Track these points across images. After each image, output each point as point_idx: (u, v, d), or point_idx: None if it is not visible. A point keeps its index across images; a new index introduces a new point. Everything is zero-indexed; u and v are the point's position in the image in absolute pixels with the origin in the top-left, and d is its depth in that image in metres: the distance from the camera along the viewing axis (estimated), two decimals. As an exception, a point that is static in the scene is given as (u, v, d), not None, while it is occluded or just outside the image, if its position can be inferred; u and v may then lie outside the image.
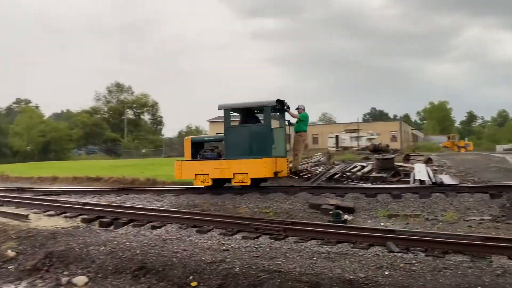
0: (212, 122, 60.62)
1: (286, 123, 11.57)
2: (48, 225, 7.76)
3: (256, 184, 10.90)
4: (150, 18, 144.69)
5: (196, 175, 10.96)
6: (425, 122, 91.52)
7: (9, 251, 6.54)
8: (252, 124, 10.95)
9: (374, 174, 12.10)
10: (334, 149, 34.65)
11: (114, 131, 68.07)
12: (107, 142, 64.93)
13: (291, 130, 12.26)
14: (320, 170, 13.52)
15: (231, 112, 10.93)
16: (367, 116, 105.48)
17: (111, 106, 74.33)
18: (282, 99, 11.15)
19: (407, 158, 16.43)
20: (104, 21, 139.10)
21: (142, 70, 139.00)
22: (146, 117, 79.75)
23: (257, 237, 6.43)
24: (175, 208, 8.91)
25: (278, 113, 11.51)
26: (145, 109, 77.47)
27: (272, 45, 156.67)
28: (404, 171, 12.54)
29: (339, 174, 12.45)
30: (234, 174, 10.50)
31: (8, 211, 9.03)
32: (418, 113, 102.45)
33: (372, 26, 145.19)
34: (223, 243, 6.20)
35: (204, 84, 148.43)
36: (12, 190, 13.93)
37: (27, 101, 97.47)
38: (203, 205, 9.25)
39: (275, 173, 10.34)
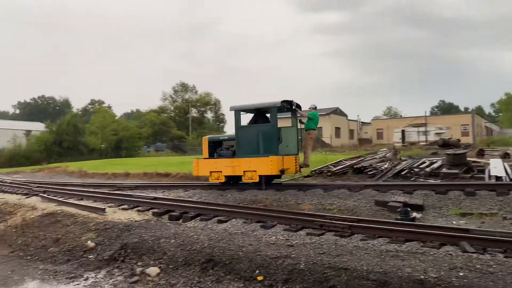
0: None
1: (299, 122, 12.19)
2: (123, 218, 8.26)
3: (269, 181, 11.49)
4: (211, 18, 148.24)
5: (211, 172, 11.86)
6: (500, 114, 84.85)
7: (89, 242, 7.05)
8: (260, 124, 11.66)
9: (444, 170, 11.45)
10: (400, 144, 33.26)
11: (180, 129, 70.85)
12: (173, 140, 67.74)
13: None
14: (385, 166, 13.06)
15: (241, 113, 11.74)
16: (435, 109, 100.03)
17: (176, 105, 77.36)
18: (290, 99, 11.82)
19: (481, 153, 15.37)
20: (170, 22, 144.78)
21: (205, 69, 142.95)
22: (209, 115, 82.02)
23: (322, 234, 6.37)
24: (239, 203, 9.08)
25: (291, 113, 12.28)
26: (208, 107, 79.67)
27: (332, 39, 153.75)
28: (478, 167, 11.74)
29: (406, 170, 11.95)
30: (244, 171, 11.23)
31: (87, 204, 9.75)
32: (492, 105, 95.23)
33: (436, 14, 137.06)
34: (288, 239, 6.22)
35: (265, 80, 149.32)
36: (90, 185, 15.01)
37: (101, 102, 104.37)
38: (265, 200, 9.35)
39: (281, 171, 10.97)
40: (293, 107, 11.99)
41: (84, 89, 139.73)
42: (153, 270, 5.73)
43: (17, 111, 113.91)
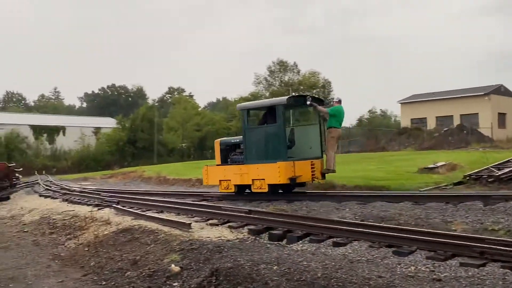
0: (404, 103, 58.95)
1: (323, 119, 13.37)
2: (212, 236, 8.66)
3: (288, 189, 13.10)
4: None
5: (220, 181, 13.47)
6: None
7: (172, 265, 7.51)
8: (267, 125, 12.87)
9: None
10: None
11: (278, 121, 71.96)
12: (270, 135, 69.08)
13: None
14: None
15: (250, 112, 13.31)
16: None
17: (273, 90, 78.71)
18: (305, 94, 13.17)
19: None
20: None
21: (310, 42, 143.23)
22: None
23: (483, 265, 6.01)
24: (362, 221, 8.96)
25: (313, 109, 13.55)
26: (315, 90, 79.70)
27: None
28: None
29: None
30: (252, 180, 12.66)
31: (169, 218, 10.41)
32: None
33: None
34: (433, 271, 5.99)
35: (390, 54, 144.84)
36: (171, 194, 16.01)
37: (181, 90, 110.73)
38: (399, 217, 9.12)
39: (291, 179, 12.07)
40: (308, 102, 13.02)
41: (160, 75, 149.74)
42: (251, 305, 5.90)
43: (84, 105, 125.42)
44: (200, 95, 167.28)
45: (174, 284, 7.07)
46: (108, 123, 69.74)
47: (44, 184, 27.64)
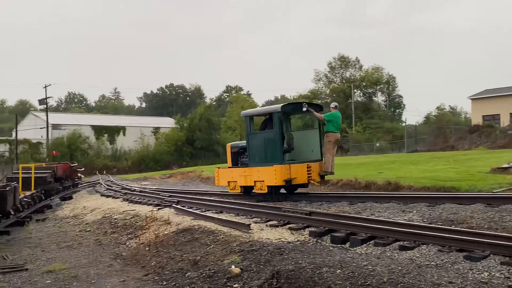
0: (475, 99, 56.99)
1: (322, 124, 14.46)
2: (272, 238, 8.70)
3: (292, 190, 14.69)
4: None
5: (228, 182, 15.16)
6: None
7: (233, 266, 7.60)
8: (265, 131, 14.37)
9: None
10: None
11: (339, 119, 71.17)
12: (330, 134, 68.40)
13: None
14: None
15: (252, 118, 14.85)
16: None
17: (333, 87, 78.09)
18: (301, 102, 14.76)
19: None
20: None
21: (374, 35, 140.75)
22: (380, 98, 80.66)
23: None
24: (431, 224, 8.75)
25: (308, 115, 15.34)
26: (378, 87, 78.39)
27: None
28: None
29: None
30: (254, 181, 14.14)
31: (228, 219, 10.55)
32: None
33: None
34: (508, 277, 5.76)
35: (460, 47, 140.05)
36: (229, 195, 16.20)
37: (238, 89, 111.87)
38: (470, 220, 8.86)
39: (287, 181, 13.25)
40: (304, 109, 14.33)
41: (218, 74, 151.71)
42: (314, 309, 5.88)
43: (143, 105, 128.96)
44: (257, 94, 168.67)
45: (235, 285, 7.15)
46: (167, 123, 71.43)
47: (105, 184, 28.64)
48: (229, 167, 15.54)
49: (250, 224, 9.74)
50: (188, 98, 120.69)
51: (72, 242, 12.18)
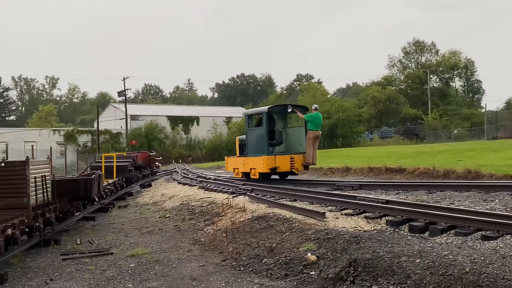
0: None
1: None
2: (348, 226, 8.65)
3: (283, 177, 17.87)
4: None
5: (233, 168, 18.65)
6: None
7: (309, 254, 7.64)
8: (257, 128, 17.49)
9: None
10: None
11: (414, 106, 69.31)
12: (405, 122, 66.73)
13: None
14: None
15: (251, 116, 18.53)
16: None
17: (408, 73, 76.00)
18: (286, 104, 18.60)
19: None
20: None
21: (451, 17, 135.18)
22: (457, 83, 77.62)
23: None
24: (515, 213, 8.39)
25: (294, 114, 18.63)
26: (456, 72, 75.44)
27: None
28: None
29: None
30: (250, 168, 17.25)
31: (303, 207, 10.59)
32: None
33: None
34: None
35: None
36: (302, 183, 16.23)
37: (309, 77, 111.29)
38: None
39: (272, 169, 16.34)
40: (289, 110, 17.75)
41: (288, 62, 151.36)
42: (393, 298, 5.82)
43: (216, 95, 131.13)
44: (328, 81, 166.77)
45: (311, 272, 7.19)
46: (238, 112, 72.14)
47: (181, 172, 29.44)
48: (236, 157, 18.94)
49: (325, 212, 9.73)
50: (259, 88, 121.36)
51: (153, 227, 12.66)
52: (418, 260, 6.29)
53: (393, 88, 74.32)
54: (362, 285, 6.39)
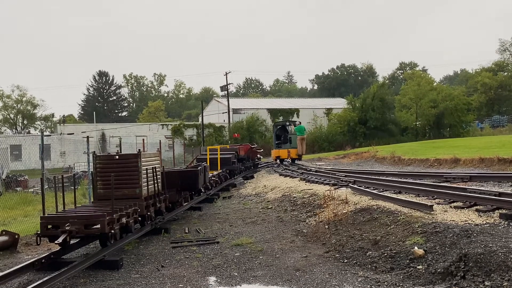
0: None
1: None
2: (457, 220, 8.27)
3: (292, 162, 30.15)
4: None
5: (273, 157, 32.57)
6: None
7: (415, 248, 7.41)
8: (274, 133, 34.24)
9: None
10: None
11: (529, 93, 64.55)
12: (519, 110, 62.46)
13: None
14: None
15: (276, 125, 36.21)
16: None
17: (522, 58, 70.92)
18: (287, 120, 41.65)
19: None
20: None
21: None
22: None
23: None
24: None
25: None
26: None
27: None
28: None
29: None
30: (275, 157, 31.64)
31: (408, 199, 10.27)
32: None
33: None
34: None
35: None
36: (407, 175, 15.75)
37: (413, 65, 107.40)
38: None
39: (277, 157, 31.19)
40: (286, 124, 33.67)
41: (390, 51, 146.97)
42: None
43: (315, 87, 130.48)
44: (435, 69, 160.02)
45: (419, 267, 6.98)
46: (339, 103, 71.36)
47: (283, 164, 29.75)
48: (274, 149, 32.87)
49: (433, 205, 9.36)
50: (359, 78, 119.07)
51: (256, 218, 12.90)
52: (537, 256, 5.89)
53: (505, 74, 69.81)
54: (474, 281, 6.11)
